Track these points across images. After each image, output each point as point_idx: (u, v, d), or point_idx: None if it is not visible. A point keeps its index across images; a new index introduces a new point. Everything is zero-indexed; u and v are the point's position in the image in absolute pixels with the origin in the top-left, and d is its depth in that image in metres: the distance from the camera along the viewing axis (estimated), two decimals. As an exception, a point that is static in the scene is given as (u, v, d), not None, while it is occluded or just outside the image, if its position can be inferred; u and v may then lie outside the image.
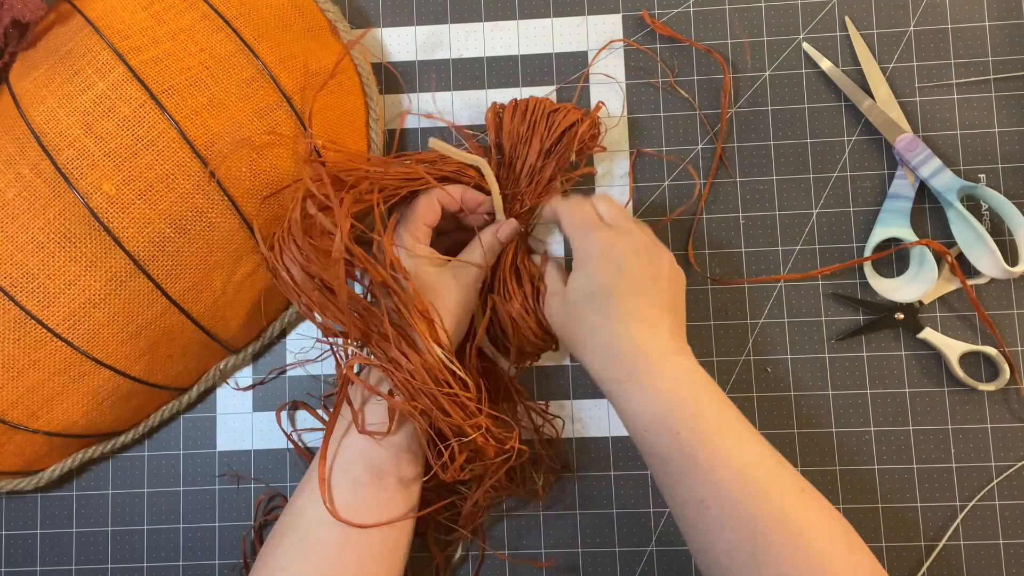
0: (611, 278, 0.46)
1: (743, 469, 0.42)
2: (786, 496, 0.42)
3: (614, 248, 0.47)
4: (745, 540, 0.41)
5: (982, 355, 0.57)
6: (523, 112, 0.56)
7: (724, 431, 0.44)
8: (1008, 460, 0.56)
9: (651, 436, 0.44)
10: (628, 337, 0.45)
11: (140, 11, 0.52)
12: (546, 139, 0.55)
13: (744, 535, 0.41)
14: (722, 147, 0.59)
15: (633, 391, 0.45)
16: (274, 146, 0.52)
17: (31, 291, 0.49)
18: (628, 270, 0.47)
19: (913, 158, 0.56)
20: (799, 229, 0.58)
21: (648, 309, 0.46)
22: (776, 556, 0.40)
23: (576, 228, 0.49)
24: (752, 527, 0.41)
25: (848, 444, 0.56)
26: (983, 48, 0.59)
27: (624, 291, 0.46)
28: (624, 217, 0.50)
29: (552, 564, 0.56)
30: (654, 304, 0.47)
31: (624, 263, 0.47)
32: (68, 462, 0.56)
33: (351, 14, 0.61)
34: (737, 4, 0.60)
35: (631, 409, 0.45)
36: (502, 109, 0.57)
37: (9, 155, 0.50)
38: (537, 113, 0.55)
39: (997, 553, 0.55)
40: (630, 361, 0.45)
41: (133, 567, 0.58)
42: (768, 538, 0.40)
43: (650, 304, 0.47)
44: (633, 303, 0.46)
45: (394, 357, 0.47)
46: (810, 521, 0.42)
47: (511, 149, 0.55)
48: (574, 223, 0.50)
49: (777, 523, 0.41)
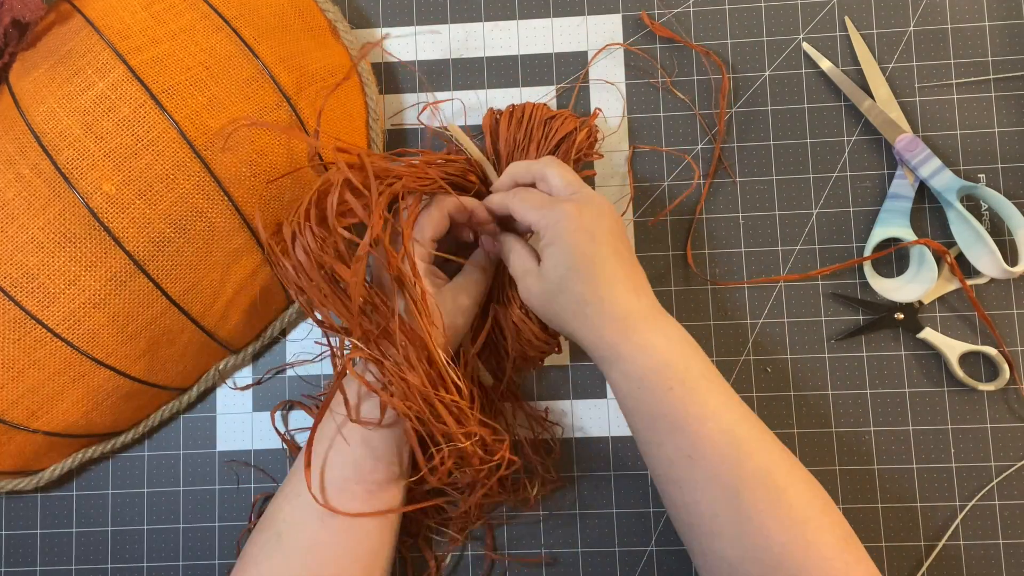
0: (589, 247, 0.46)
1: (730, 425, 0.43)
2: (770, 454, 0.43)
3: (583, 218, 0.47)
4: (730, 495, 0.42)
5: (982, 355, 0.57)
6: (519, 119, 0.55)
7: (711, 388, 0.45)
8: (1008, 460, 0.56)
9: (644, 394, 0.45)
10: (618, 301, 0.46)
11: (140, 11, 0.52)
12: (543, 147, 0.55)
13: (730, 490, 0.42)
14: (721, 147, 0.59)
15: (627, 351, 0.45)
16: (275, 146, 0.52)
17: (31, 291, 0.49)
18: (600, 236, 0.47)
19: (913, 158, 0.56)
20: (799, 229, 0.58)
21: (626, 270, 0.47)
22: (760, 512, 0.41)
23: (536, 209, 0.48)
24: (738, 482, 0.42)
25: (848, 444, 0.56)
26: (983, 48, 0.59)
27: (603, 257, 0.46)
28: (577, 182, 0.50)
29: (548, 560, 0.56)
30: (629, 263, 0.48)
31: (596, 230, 0.47)
32: (68, 462, 0.56)
33: (351, 14, 0.61)
34: (737, 4, 0.60)
35: (626, 369, 0.45)
36: (499, 114, 0.57)
37: (9, 155, 0.50)
38: (534, 120, 0.55)
39: (997, 553, 0.55)
40: (623, 324, 0.45)
41: (133, 567, 0.58)
42: (753, 494, 0.41)
43: (627, 264, 0.47)
44: (614, 267, 0.46)
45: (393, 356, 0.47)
46: (791, 480, 0.43)
47: (508, 156, 0.55)
48: (532, 206, 0.49)
49: (762, 479, 0.42)
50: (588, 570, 0.56)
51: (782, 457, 0.44)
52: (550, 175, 0.50)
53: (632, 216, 0.59)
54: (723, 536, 0.42)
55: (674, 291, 0.58)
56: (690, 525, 0.44)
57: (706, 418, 0.43)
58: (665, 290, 0.58)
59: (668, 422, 0.44)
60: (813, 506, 0.42)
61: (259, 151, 0.52)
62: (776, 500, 0.41)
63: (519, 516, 0.57)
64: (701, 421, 0.43)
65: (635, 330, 0.45)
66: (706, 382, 0.45)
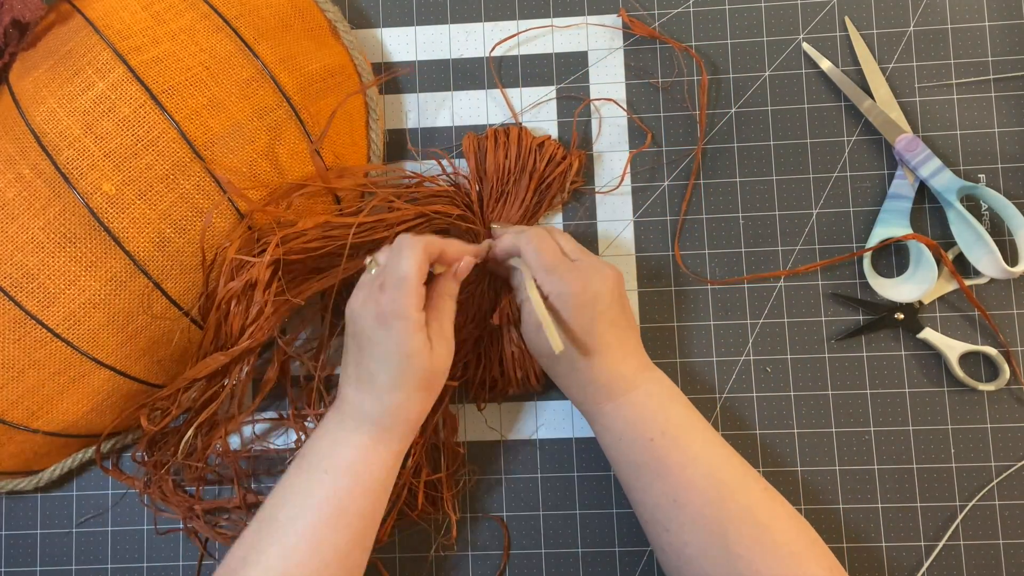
0: (587, 322, 0.48)
1: (712, 469, 0.46)
2: (751, 493, 0.45)
3: (587, 292, 0.48)
4: (717, 535, 0.44)
5: (982, 355, 0.57)
6: (504, 145, 0.56)
7: (692, 435, 0.47)
8: (1008, 460, 0.56)
9: (625, 445, 0.48)
10: (607, 368, 0.48)
11: (140, 11, 0.52)
12: (534, 175, 0.56)
13: (716, 531, 0.44)
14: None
15: (609, 409, 0.48)
16: (275, 146, 0.52)
17: (31, 291, 0.49)
18: (600, 309, 0.48)
19: (913, 158, 0.56)
20: (799, 229, 0.58)
21: (620, 336, 0.49)
22: (748, 548, 0.43)
23: (546, 271, 0.48)
24: (723, 522, 0.44)
25: (848, 444, 0.56)
26: (983, 48, 0.59)
27: (600, 331, 0.48)
28: (582, 250, 0.51)
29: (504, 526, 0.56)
30: (624, 329, 0.49)
31: (597, 304, 0.48)
32: (68, 462, 0.56)
33: (351, 14, 0.61)
34: (737, 4, 0.60)
35: (608, 424, 0.48)
36: (482, 138, 0.57)
37: (9, 155, 0.50)
38: (523, 147, 0.56)
39: (997, 553, 0.55)
40: (608, 387, 0.48)
41: (133, 567, 0.58)
42: (739, 532, 0.43)
43: (621, 331, 0.49)
44: (608, 339, 0.48)
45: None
46: (775, 516, 0.45)
47: (498, 183, 0.56)
48: (543, 264, 0.48)
49: (746, 517, 0.44)
50: (588, 570, 0.56)
51: (764, 495, 0.46)
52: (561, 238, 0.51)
53: (632, 216, 0.59)
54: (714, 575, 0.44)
55: (673, 291, 0.58)
56: (679, 568, 0.46)
57: (687, 464, 0.46)
58: (664, 290, 0.58)
59: (651, 470, 0.46)
60: (799, 541, 0.44)
61: (259, 151, 0.52)
62: (761, 536, 0.43)
63: (519, 515, 0.57)
64: (683, 467, 0.46)
65: (619, 392, 0.48)
66: (687, 430, 0.47)
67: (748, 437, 0.57)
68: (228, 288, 0.50)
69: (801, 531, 0.45)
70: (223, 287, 0.50)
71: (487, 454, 0.58)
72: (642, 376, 0.49)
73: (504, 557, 0.57)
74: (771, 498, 0.46)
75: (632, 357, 0.49)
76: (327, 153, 0.54)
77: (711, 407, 0.57)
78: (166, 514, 0.57)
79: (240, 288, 0.50)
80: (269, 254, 0.50)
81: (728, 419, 0.57)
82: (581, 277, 0.48)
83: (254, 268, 0.50)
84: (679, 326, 0.58)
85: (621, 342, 0.49)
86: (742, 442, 0.56)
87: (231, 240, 0.51)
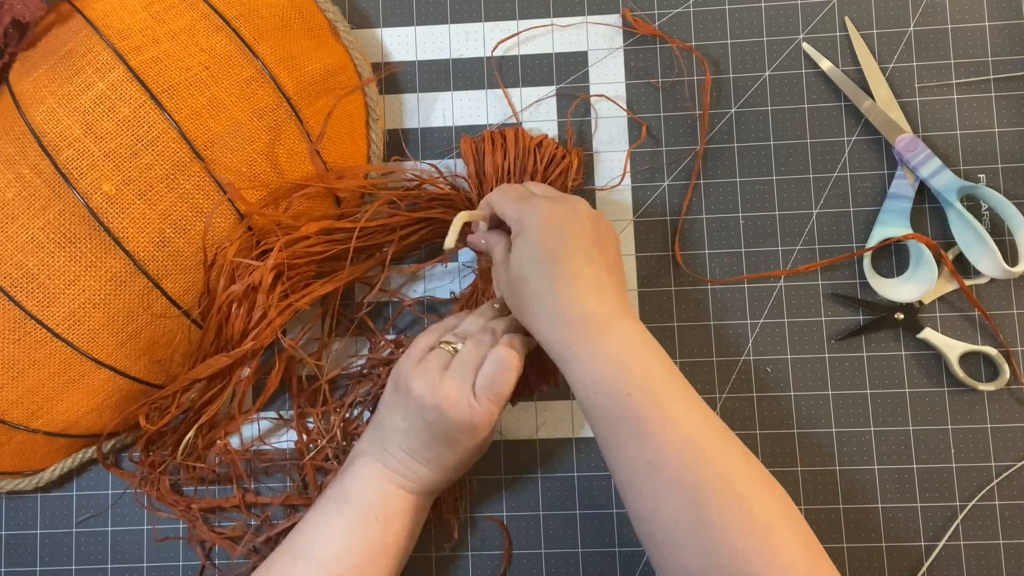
0: (553, 242, 0.46)
1: (691, 432, 0.43)
2: (732, 460, 0.43)
3: (553, 213, 0.46)
4: (691, 503, 0.41)
5: (982, 355, 0.57)
6: (502, 147, 0.56)
7: (673, 394, 0.44)
8: (1008, 460, 0.56)
9: (601, 399, 0.44)
10: (576, 301, 0.45)
11: (140, 11, 0.52)
12: (534, 175, 0.56)
13: (691, 497, 0.41)
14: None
15: (583, 354, 0.44)
16: (275, 146, 0.52)
17: (31, 291, 0.49)
18: (569, 233, 0.46)
19: (913, 158, 0.56)
20: (799, 229, 0.58)
21: (593, 271, 0.46)
22: (723, 518, 0.40)
23: (512, 202, 0.48)
24: (699, 489, 0.41)
25: (848, 444, 0.56)
26: (983, 48, 0.59)
27: (568, 255, 0.46)
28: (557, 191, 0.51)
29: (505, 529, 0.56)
30: (598, 266, 0.46)
31: (565, 227, 0.46)
32: (68, 462, 0.56)
33: (351, 14, 0.61)
34: (737, 4, 0.60)
35: (581, 372, 0.45)
36: (479, 140, 0.57)
37: (9, 155, 0.50)
38: (521, 148, 0.56)
39: (997, 553, 0.55)
40: (579, 325, 0.45)
41: (133, 567, 0.58)
42: (715, 501, 0.41)
43: (594, 266, 0.46)
44: (578, 267, 0.45)
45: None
46: (754, 486, 0.42)
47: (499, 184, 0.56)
48: (509, 199, 0.49)
49: (724, 486, 0.41)
50: (588, 570, 0.56)
51: (744, 462, 0.43)
52: (532, 185, 0.51)
53: (632, 216, 0.59)
54: (684, 545, 0.41)
55: (674, 291, 0.58)
56: (650, 533, 0.43)
57: (666, 424, 0.43)
58: (664, 290, 0.58)
59: (627, 427, 0.43)
60: (775, 513, 0.42)
61: (259, 151, 0.52)
62: (737, 507, 0.41)
63: (520, 516, 0.57)
64: (661, 427, 0.42)
65: (592, 334, 0.44)
66: (667, 387, 0.44)
67: (748, 437, 0.56)
68: (229, 291, 0.50)
69: (779, 503, 0.42)
70: (224, 290, 0.50)
71: (487, 454, 0.58)
72: (621, 321, 0.45)
73: (505, 561, 0.57)
74: (751, 466, 0.43)
75: (609, 299, 0.46)
76: (327, 153, 0.54)
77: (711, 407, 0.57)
78: (164, 514, 0.57)
79: (241, 291, 0.50)
80: (273, 258, 0.50)
81: (728, 419, 0.57)
82: (549, 200, 0.47)
83: (256, 272, 0.50)
84: (679, 326, 0.58)
85: (592, 279, 0.46)
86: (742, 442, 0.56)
87: (231, 241, 0.51)
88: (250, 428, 0.58)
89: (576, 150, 0.58)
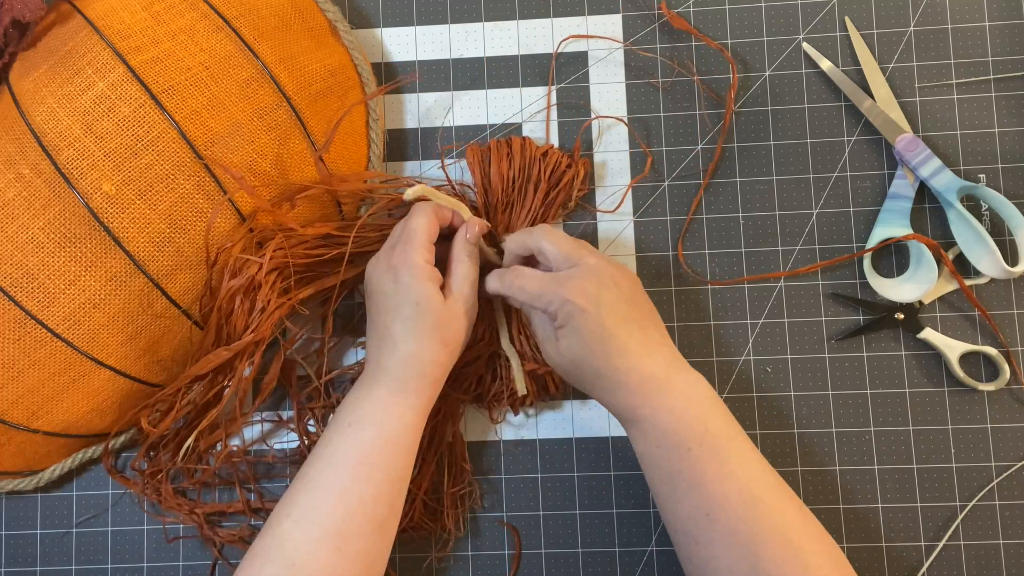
0: (596, 327, 0.46)
1: (748, 483, 0.44)
2: (787, 512, 0.44)
3: (586, 298, 0.47)
4: (747, 554, 0.43)
5: (982, 355, 0.57)
6: (508, 156, 0.56)
7: (730, 447, 0.45)
8: (1008, 460, 0.56)
9: (663, 452, 0.46)
10: (632, 370, 0.46)
11: (140, 11, 0.52)
12: (539, 185, 0.56)
13: (747, 548, 0.43)
14: (723, 148, 0.59)
15: (647, 413, 0.46)
16: (275, 146, 0.52)
17: (31, 291, 0.49)
18: (607, 311, 0.46)
19: (913, 158, 0.56)
20: (799, 229, 0.58)
21: (639, 333, 0.47)
22: (778, 568, 0.42)
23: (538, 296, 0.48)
24: (755, 541, 0.43)
25: (848, 444, 0.56)
26: (983, 48, 0.59)
27: (613, 331, 0.46)
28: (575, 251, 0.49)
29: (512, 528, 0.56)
30: (640, 325, 0.47)
31: (601, 306, 0.46)
32: (68, 462, 0.56)
33: (351, 14, 0.61)
34: (737, 4, 0.60)
35: (644, 430, 0.47)
36: (485, 149, 0.57)
37: (9, 155, 0.50)
38: (527, 157, 0.56)
39: (997, 553, 0.55)
40: (639, 390, 0.46)
41: (133, 567, 0.58)
42: (770, 552, 0.42)
43: (638, 329, 0.47)
44: (625, 338, 0.46)
45: None
46: (808, 537, 0.44)
47: (504, 193, 0.56)
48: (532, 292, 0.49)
49: (779, 537, 0.43)
50: (588, 570, 0.56)
51: (799, 515, 0.45)
52: (546, 249, 0.50)
53: (633, 216, 0.59)
54: None
55: (674, 291, 0.58)
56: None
57: (724, 478, 0.44)
58: (664, 290, 0.58)
59: (686, 481, 0.45)
60: (828, 565, 0.43)
61: (259, 151, 0.52)
62: (793, 558, 0.42)
63: (520, 516, 0.57)
64: (719, 481, 0.44)
65: (653, 393, 0.46)
66: (725, 441, 0.45)
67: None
68: (230, 285, 0.50)
69: (830, 554, 0.44)
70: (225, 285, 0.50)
71: (487, 454, 0.58)
72: (677, 377, 0.47)
73: (515, 562, 0.57)
74: (805, 517, 0.45)
75: (658, 354, 0.47)
76: (327, 154, 0.54)
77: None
78: (170, 520, 0.57)
79: (242, 285, 0.50)
80: (270, 252, 0.50)
81: (728, 419, 0.57)
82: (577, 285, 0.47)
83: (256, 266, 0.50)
84: (679, 326, 0.58)
85: (641, 341, 0.47)
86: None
87: (233, 241, 0.51)
88: (250, 429, 0.58)
89: (582, 160, 0.58)
